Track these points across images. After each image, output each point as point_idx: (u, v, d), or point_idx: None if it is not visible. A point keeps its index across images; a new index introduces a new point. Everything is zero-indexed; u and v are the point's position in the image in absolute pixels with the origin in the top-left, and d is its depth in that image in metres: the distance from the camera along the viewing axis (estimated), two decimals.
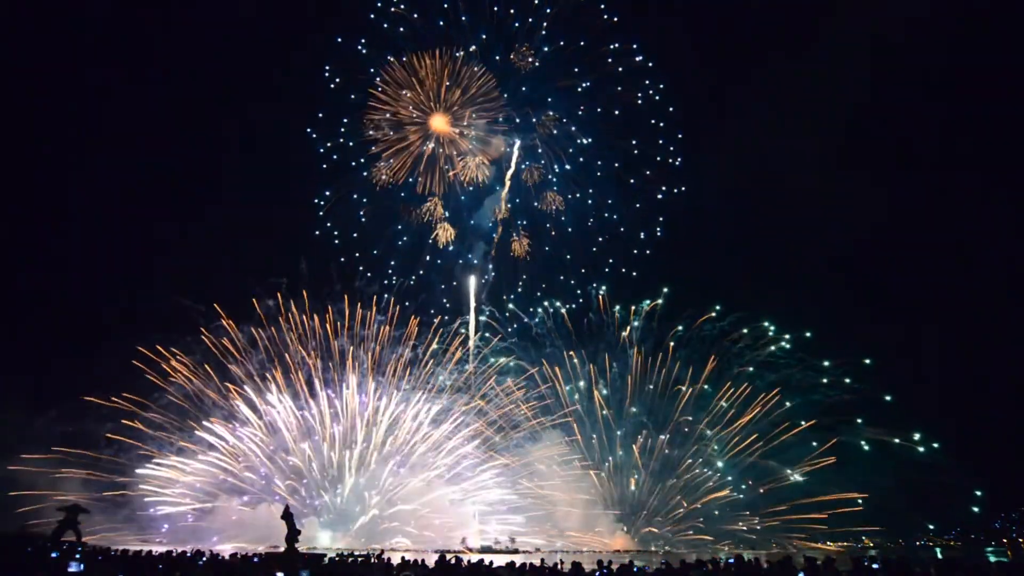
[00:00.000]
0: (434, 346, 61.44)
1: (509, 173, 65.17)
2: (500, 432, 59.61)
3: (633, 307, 62.22)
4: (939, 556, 42.84)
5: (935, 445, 51.46)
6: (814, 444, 54.46)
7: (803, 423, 54.90)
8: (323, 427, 58.59)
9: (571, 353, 61.68)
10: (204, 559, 23.51)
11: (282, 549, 20.35)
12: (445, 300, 65.47)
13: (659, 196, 63.98)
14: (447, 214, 65.81)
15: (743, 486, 57.36)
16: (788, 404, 55.61)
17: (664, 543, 57.56)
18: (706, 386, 58.36)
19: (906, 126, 72.20)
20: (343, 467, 58.09)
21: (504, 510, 58.08)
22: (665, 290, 62.08)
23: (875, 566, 16.25)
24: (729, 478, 57.33)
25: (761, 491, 56.53)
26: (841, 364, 54.98)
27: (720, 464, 57.56)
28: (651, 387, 60.09)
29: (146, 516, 54.05)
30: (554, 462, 58.43)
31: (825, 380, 55.15)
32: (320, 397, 58.87)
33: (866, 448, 52.92)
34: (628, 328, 61.70)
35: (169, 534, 53.71)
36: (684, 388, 58.68)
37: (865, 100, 73.98)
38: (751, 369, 57.82)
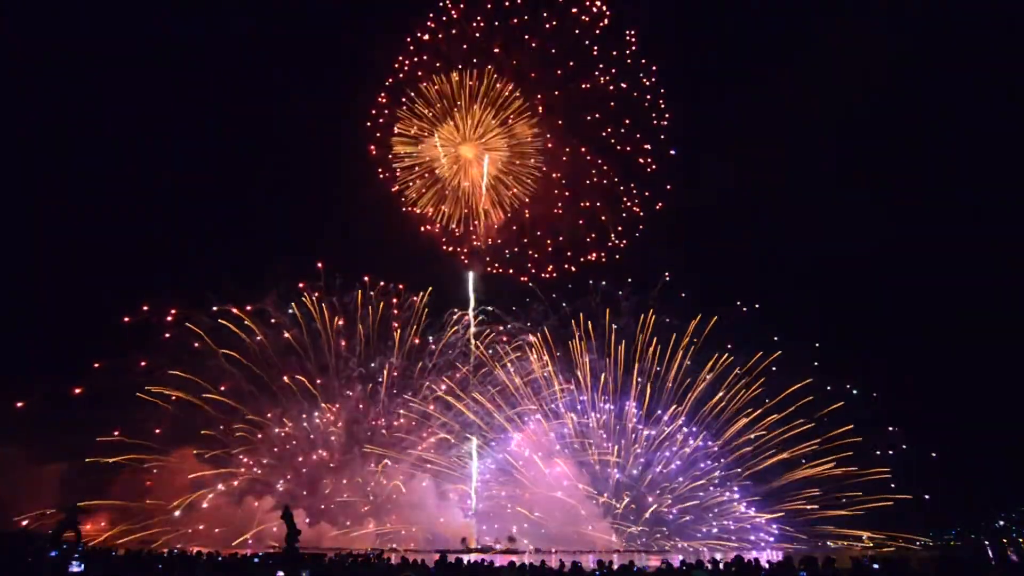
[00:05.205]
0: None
1: None
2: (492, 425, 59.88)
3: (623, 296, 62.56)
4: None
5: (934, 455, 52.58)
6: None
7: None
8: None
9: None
10: (204, 559, 23.51)
11: (282, 548, 20.36)
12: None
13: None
14: None
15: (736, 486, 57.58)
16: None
17: (660, 541, 57.39)
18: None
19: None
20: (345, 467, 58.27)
21: (503, 509, 58.06)
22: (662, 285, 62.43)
23: (875, 566, 16.28)
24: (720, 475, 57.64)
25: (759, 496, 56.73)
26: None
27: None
28: (641, 380, 60.40)
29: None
30: (548, 458, 58.50)
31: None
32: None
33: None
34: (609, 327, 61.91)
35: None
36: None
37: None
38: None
